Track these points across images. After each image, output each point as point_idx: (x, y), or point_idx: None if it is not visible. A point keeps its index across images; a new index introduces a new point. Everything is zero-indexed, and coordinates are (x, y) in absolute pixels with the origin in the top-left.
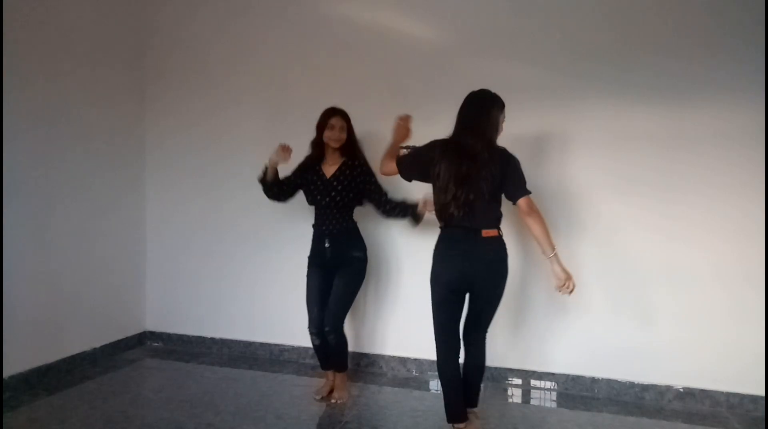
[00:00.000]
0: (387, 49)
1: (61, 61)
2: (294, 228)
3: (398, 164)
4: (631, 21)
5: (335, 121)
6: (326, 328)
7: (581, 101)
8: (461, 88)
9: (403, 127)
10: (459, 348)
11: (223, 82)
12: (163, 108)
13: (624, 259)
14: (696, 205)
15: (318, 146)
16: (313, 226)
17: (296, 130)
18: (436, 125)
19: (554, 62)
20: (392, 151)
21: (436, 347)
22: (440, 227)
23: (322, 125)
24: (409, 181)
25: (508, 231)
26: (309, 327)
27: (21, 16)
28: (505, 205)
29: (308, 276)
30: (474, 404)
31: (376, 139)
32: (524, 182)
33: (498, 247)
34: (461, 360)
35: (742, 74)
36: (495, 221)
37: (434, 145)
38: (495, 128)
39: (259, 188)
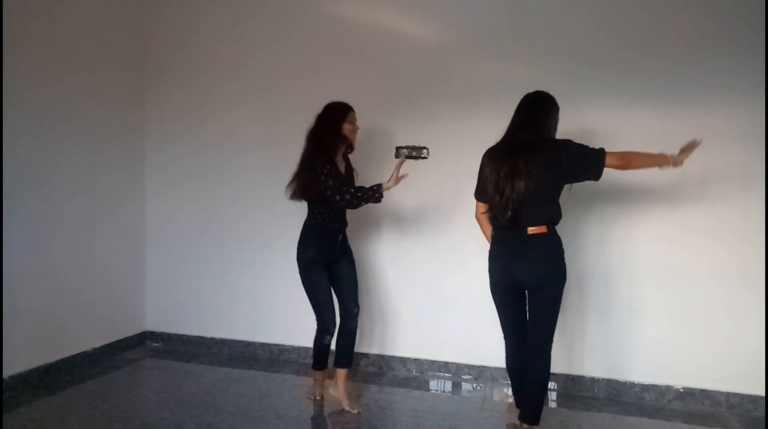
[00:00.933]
0: (387, 52)
1: (63, 64)
2: (294, 228)
3: (476, 196)
4: (630, 23)
5: (354, 116)
6: (356, 310)
7: (580, 102)
8: (462, 89)
9: None
10: (521, 350)
11: (224, 85)
12: (164, 110)
13: (624, 259)
14: (696, 205)
15: (337, 141)
16: (321, 223)
17: (296, 132)
18: (436, 125)
19: (554, 64)
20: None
21: (505, 343)
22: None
23: (340, 118)
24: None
25: None
26: (325, 327)
27: (22, 19)
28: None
29: (316, 276)
30: (530, 420)
31: (376, 138)
32: (590, 153)
33: (546, 244)
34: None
35: (742, 75)
36: (545, 218)
37: (483, 156)
38: (545, 124)
39: (258, 189)
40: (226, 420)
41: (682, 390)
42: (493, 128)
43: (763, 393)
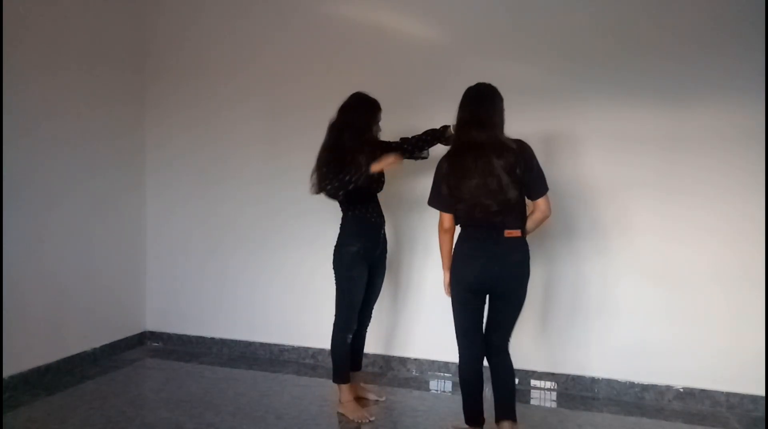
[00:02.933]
0: (386, 51)
1: (62, 62)
2: (294, 229)
3: (435, 205)
4: (630, 22)
5: (380, 116)
6: (369, 321)
7: (580, 103)
8: (462, 89)
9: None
10: (482, 354)
11: (223, 83)
12: (164, 109)
13: (624, 259)
14: (696, 205)
15: (362, 144)
16: (361, 217)
17: (296, 130)
18: (436, 124)
19: (554, 64)
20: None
21: (459, 352)
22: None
23: (371, 119)
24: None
25: None
26: (348, 326)
27: (22, 18)
28: None
29: (357, 274)
30: (513, 414)
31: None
32: (541, 179)
33: (522, 248)
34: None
35: (742, 75)
36: (520, 222)
37: (439, 165)
38: (501, 119)
39: (258, 188)
40: (226, 420)
41: (682, 390)
42: None
43: (763, 393)
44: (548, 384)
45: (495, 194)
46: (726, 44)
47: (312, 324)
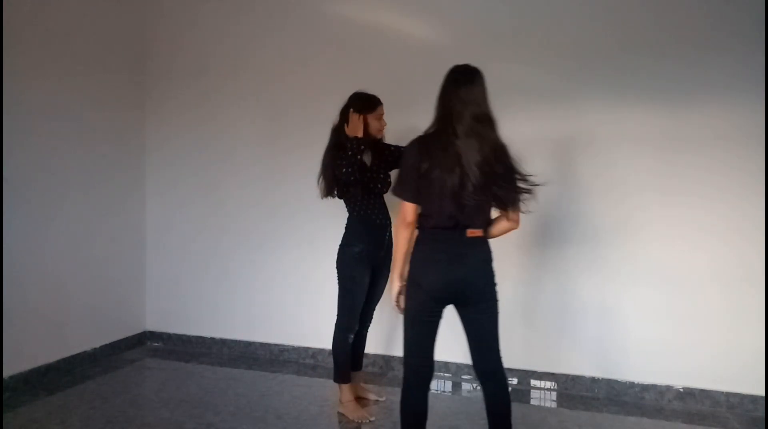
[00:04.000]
0: (387, 50)
1: (63, 64)
2: (295, 229)
3: (398, 193)
4: (631, 23)
5: (381, 110)
6: (370, 323)
7: (580, 103)
8: None
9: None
10: (430, 381)
11: (223, 84)
12: (164, 110)
13: (623, 258)
14: (696, 205)
15: (361, 139)
16: (365, 217)
17: (296, 131)
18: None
19: (555, 63)
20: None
21: (404, 374)
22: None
23: (366, 113)
24: (419, 202)
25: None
26: (349, 327)
27: (23, 20)
28: None
29: (359, 276)
30: None
31: None
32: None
33: (485, 249)
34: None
35: (742, 75)
36: (485, 221)
37: (414, 146)
38: (489, 105)
39: (258, 189)
40: (226, 420)
41: (682, 390)
42: None
43: (763, 393)
44: (548, 384)
45: (469, 191)
46: (726, 44)
47: (312, 324)
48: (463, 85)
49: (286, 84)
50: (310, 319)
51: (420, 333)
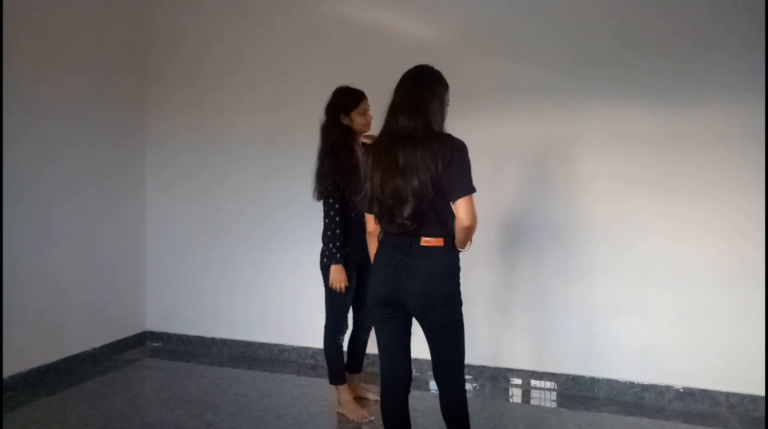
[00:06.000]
0: (386, 49)
1: (62, 63)
2: (295, 228)
3: (358, 204)
4: (631, 21)
5: (366, 104)
6: (367, 325)
7: (581, 102)
8: (462, 88)
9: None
10: (406, 383)
11: (223, 83)
12: (164, 109)
13: (624, 258)
14: (696, 204)
15: (347, 135)
16: (353, 218)
17: (296, 129)
18: None
19: (555, 62)
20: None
21: (381, 378)
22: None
23: (350, 109)
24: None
25: (497, 221)
26: (339, 328)
27: (22, 20)
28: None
29: (350, 278)
30: None
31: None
32: (469, 175)
33: (441, 259)
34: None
35: (743, 74)
36: (440, 230)
37: (365, 157)
38: (438, 108)
39: (258, 188)
40: (226, 420)
41: (682, 390)
42: (493, 126)
43: (763, 393)
44: (548, 384)
45: (407, 194)
46: (726, 44)
47: (312, 324)
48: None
49: (285, 82)
50: (310, 319)
51: (381, 336)
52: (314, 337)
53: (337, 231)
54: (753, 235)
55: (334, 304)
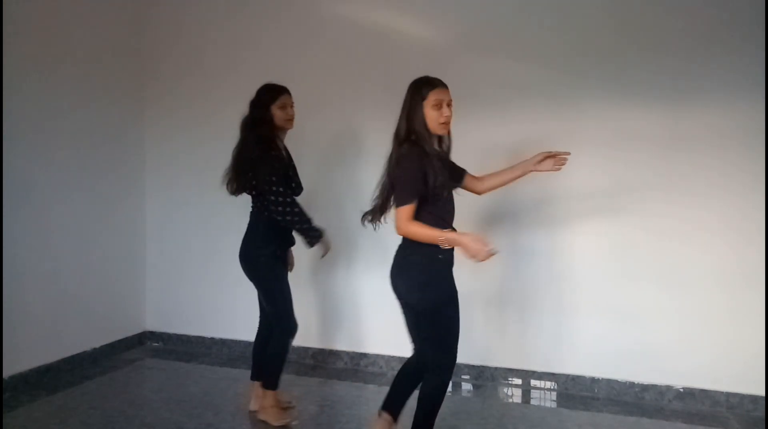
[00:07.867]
0: (385, 49)
1: (61, 62)
2: None
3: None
4: (631, 20)
5: (288, 99)
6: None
7: (581, 100)
8: (462, 88)
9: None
10: (413, 359)
11: (222, 81)
12: (162, 108)
13: (624, 258)
14: (695, 204)
15: (271, 134)
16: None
17: (296, 128)
18: None
19: (554, 61)
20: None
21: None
22: None
23: (269, 104)
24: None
25: (498, 220)
26: (293, 328)
27: (21, 18)
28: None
29: (281, 272)
30: (390, 409)
31: (374, 138)
32: (404, 187)
33: (400, 255)
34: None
35: (742, 74)
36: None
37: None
38: (407, 116)
39: None
40: (226, 420)
41: (682, 390)
42: (492, 126)
43: (763, 393)
44: (548, 384)
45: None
46: (726, 43)
47: (311, 324)
48: None
49: (284, 80)
50: (310, 319)
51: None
52: (314, 337)
53: (299, 208)
54: (753, 235)
55: (281, 304)
